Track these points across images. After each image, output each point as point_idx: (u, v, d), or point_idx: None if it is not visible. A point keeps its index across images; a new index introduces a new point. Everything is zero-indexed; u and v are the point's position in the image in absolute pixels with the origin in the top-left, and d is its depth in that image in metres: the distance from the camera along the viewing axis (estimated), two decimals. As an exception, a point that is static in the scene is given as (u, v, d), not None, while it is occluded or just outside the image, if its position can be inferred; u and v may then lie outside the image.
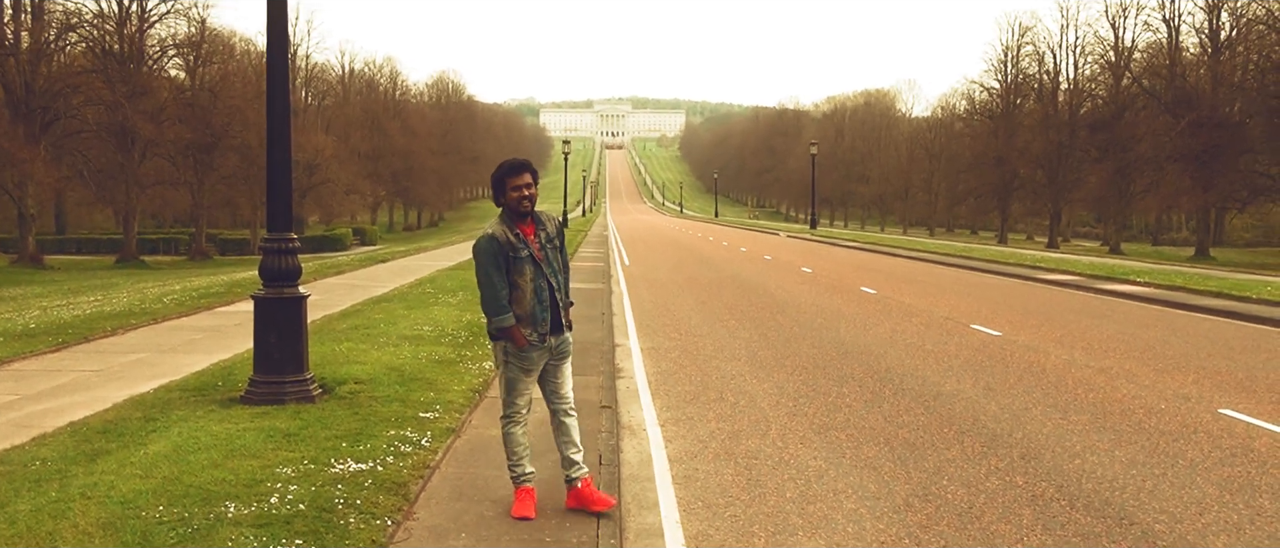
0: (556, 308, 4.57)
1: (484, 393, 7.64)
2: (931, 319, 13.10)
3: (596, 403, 7.31)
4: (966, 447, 6.30)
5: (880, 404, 7.60)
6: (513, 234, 4.49)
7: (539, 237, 4.52)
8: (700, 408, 7.49)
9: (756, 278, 20.35)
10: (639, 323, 12.77)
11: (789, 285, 18.47)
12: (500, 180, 4.52)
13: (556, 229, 4.61)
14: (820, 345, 10.67)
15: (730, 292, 17.24)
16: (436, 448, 5.71)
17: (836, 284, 18.75)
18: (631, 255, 29.32)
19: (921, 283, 19.40)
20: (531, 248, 4.49)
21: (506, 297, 4.50)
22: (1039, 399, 7.81)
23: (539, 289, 4.51)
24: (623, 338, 11.34)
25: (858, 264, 25.45)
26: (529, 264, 4.48)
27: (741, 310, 14.20)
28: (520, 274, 4.49)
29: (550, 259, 4.56)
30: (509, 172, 4.50)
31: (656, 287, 18.42)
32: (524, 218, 4.52)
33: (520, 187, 4.48)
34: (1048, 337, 11.47)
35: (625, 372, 9.11)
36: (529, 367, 4.61)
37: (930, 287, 18.48)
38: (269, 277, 6.91)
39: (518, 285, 4.50)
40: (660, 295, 16.67)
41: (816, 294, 16.67)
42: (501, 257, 4.47)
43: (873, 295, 16.48)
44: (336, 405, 6.66)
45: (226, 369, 8.08)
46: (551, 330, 4.59)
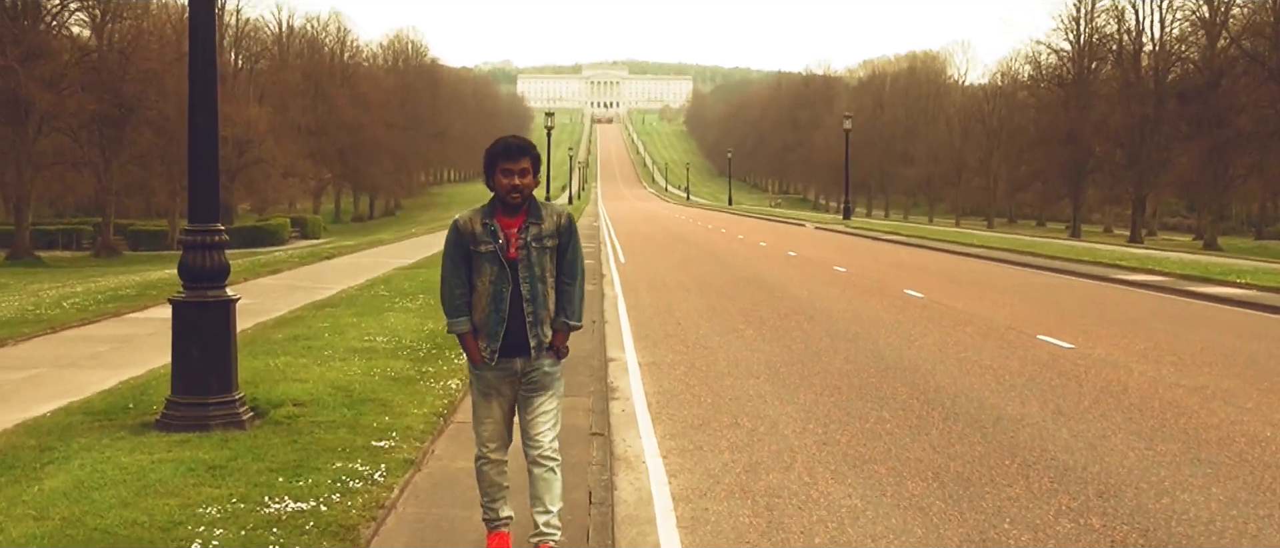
0: (524, 323, 4.44)
1: (450, 417, 7.63)
2: (989, 328, 13.11)
3: (585, 429, 7.31)
4: (1032, 483, 6.30)
5: (927, 431, 7.60)
6: (482, 223, 4.45)
7: (525, 233, 4.43)
8: (710, 436, 7.49)
9: (779, 278, 20.37)
10: (637, 333, 12.78)
11: (818, 287, 18.49)
12: (492, 160, 4.44)
13: (558, 227, 4.49)
14: (855, 360, 10.68)
15: (747, 295, 17.25)
16: (392, 484, 5.70)
17: (875, 286, 18.77)
18: (628, 251, 29.35)
19: (977, 284, 19.44)
20: (502, 243, 4.41)
21: (462, 298, 4.49)
22: (1119, 425, 7.81)
23: (498, 295, 4.43)
24: (617, 351, 11.35)
25: (900, 262, 25.48)
26: (489, 263, 4.43)
27: (760, 318, 14.20)
28: (479, 273, 4.46)
29: (534, 262, 4.44)
30: (503, 152, 4.43)
31: (658, 288, 18.43)
32: (514, 209, 4.46)
33: (512, 172, 4.40)
34: (1129, 349, 11.48)
35: (620, 391, 9.11)
36: (485, 388, 4.57)
37: (988, 289, 18.51)
38: (191, 276, 6.90)
39: (475, 287, 4.47)
40: (663, 299, 16.69)
41: (851, 298, 16.68)
42: (460, 248, 4.47)
43: (919, 300, 16.50)
44: (271, 432, 6.65)
45: (139, 388, 8.06)
46: (513, 350, 4.48)
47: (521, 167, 4.41)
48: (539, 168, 4.48)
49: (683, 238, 37.57)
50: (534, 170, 4.46)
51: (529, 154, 4.44)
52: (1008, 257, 26.80)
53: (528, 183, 4.43)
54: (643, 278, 20.67)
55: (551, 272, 4.50)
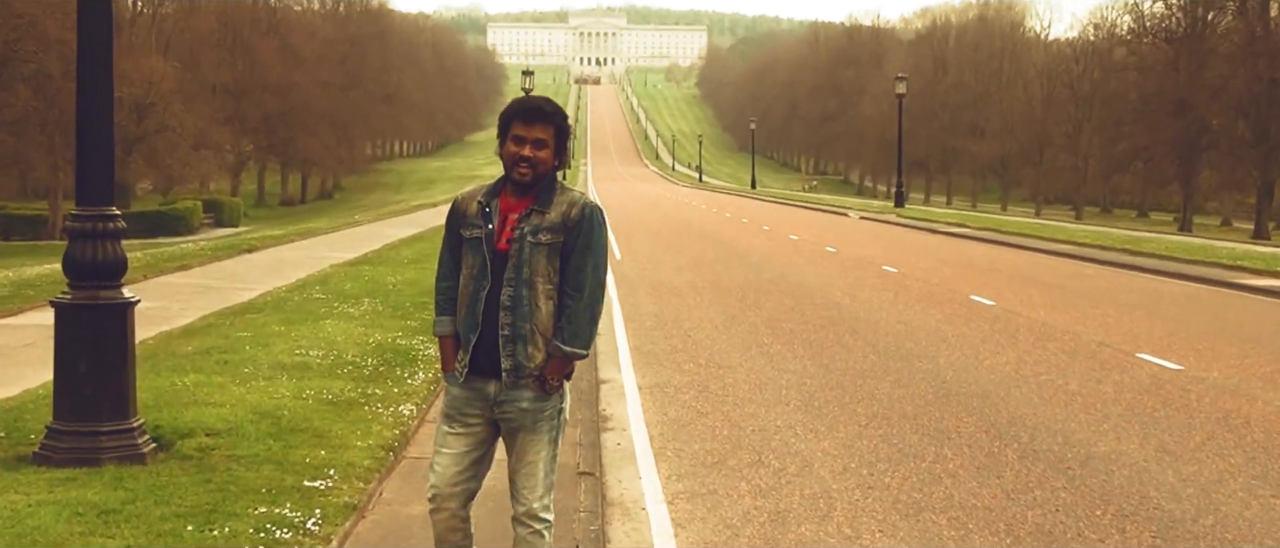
0: (498, 336, 4.38)
1: (402, 451, 7.64)
2: (1077, 344, 13.14)
3: (572, 467, 7.33)
4: (1130, 537, 6.32)
5: (999, 472, 7.62)
6: (478, 202, 4.47)
7: (525, 223, 4.38)
8: (727, 477, 7.51)
9: (813, 280, 20.40)
10: (637, 348, 12.80)
11: (862, 292, 18.52)
12: (506, 121, 4.45)
13: (566, 221, 4.40)
14: (909, 383, 10.70)
15: (773, 301, 17.28)
16: (329, 534, 5.71)
17: (934, 291, 18.80)
18: (625, 245, 29.39)
19: (1062, 290, 19.47)
20: (491, 230, 4.41)
21: (448, 292, 4.58)
22: (1239, 466, 7.83)
23: (475, 294, 4.41)
24: (611, 370, 11.38)
25: (966, 260, 25.53)
26: (473, 252, 4.45)
27: (790, 330, 14.23)
28: (464, 262, 4.53)
29: (524, 261, 4.38)
30: (519, 112, 4.43)
31: (663, 293, 18.46)
32: (523, 189, 4.44)
33: (524, 140, 4.39)
34: (1252, 373, 11.51)
35: (615, 421, 9.14)
36: (449, 408, 4.52)
37: (1076, 296, 18.54)
38: (78, 273, 6.91)
39: (461, 278, 4.54)
40: (669, 306, 16.72)
41: (904, 306, 16.71)
42: (453, 230, 4.57)
43: (989, 308, 16.53)
44: (179, 468, 6.67)
45: (11, 413, 8.07)
46: (485, 370, 4.42)
47: (537, 135, 4.40)
48: (565, 142, 4.48)
49: (694, 229, 37.61)
50: (556, 144, 4.43)
51: (553, 121, 4.44)
52: (1101, 255, 26.83)
53: (544, 158, 4.40)
54: (643, 279, 20.69)
55: (549, 277, 4.39)
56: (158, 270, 19.75)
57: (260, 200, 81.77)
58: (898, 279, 20.77)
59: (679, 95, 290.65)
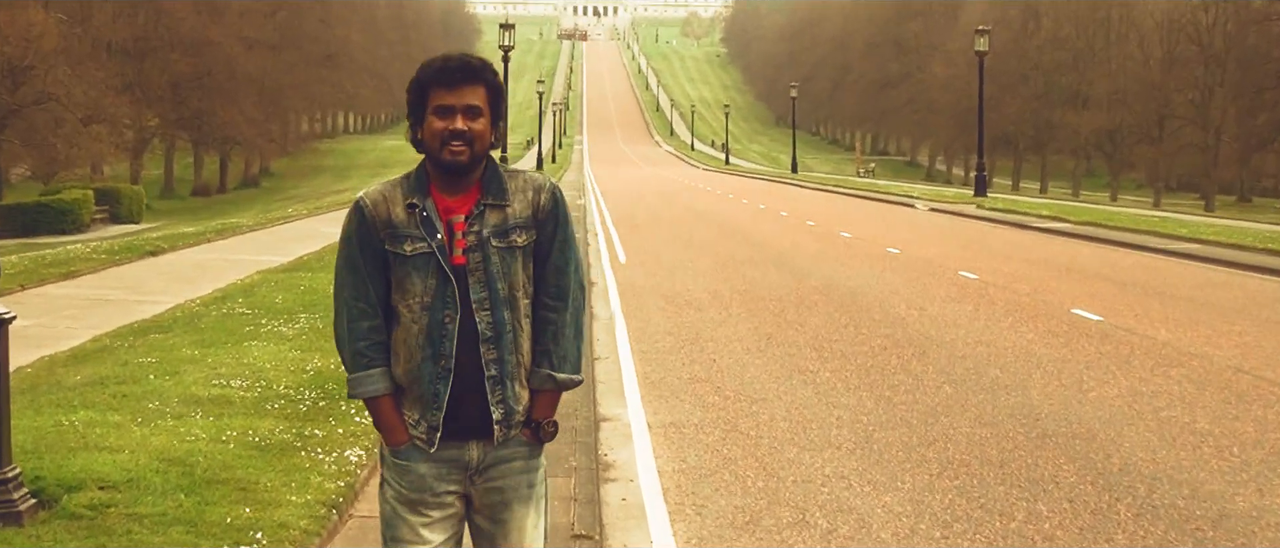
0: (481, 379, 4.22)
1: (347, 508, 7.65)
2: (1208, 371, 13.10)
3: (566, 528, 7.34)
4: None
5: (1108, 534, 7.62)
6: (406, 205, 4.20)
7: (477, 221, 4.21)
8: (763, 542, 7.52)
9: (872, 289, 20.38)
10: (646, 376, 12.81)
11: (934, 304, 18.49)
12: (419, 90, 4.26)
13: (537, 210, 4.31)
14: (993, 420, 10.68)
15: (820, 315, 17.27)
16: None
17: (1025, 303, 18.77)
18: (631, 243, 29.38)
19: (1188, 302, 19.42)
20: (441, 240, 4.19)
21: (373, 336, 4.26)
22: None
23: (435, 330, 4.18)
24: (614, 404, 11.39)
25: (1065, 264, 25.49)
26: (419, 273, 4.20)
27: (842, 352, 14.21)
28: (401, 291, 4.22)
29: (495, 272, 4.20)
30: (437, 75, 4.23)
31: (679, 304, 18.46)
32: (458, 176, 4.24)
33: (453, 110, 4.20)
34: None
35: (620, 469, 9.15)
36: (412, 494, 4.27)
37: (1204, 309, 18.49)
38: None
39: (398, 316, 4.24)
40: (686, 322, 16.73)
41: (986, 322, 16.68)
42: (369, 248, 4.25)
43: (1094, 325, 16.50)
44: (65, 531, 6.67)
45: None
46: (464, 430, 4.25)
47: (467, 101, 4.21)
48: (500, 105, 4.31)
49: (718, 223, 37.59)
50: (490, 108, 4.27)
51: (481, 79, 4.26)
52: (1237, 257, 26.75)
53: (480, 130, 4.21)
54: (654, 288, 20.68)
55: (526, 289, 4.28)
56: (38, 279, 19.78)
57: (168, 190, 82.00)
58: (978, 288, 20.73)
59: (698, 54, 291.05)
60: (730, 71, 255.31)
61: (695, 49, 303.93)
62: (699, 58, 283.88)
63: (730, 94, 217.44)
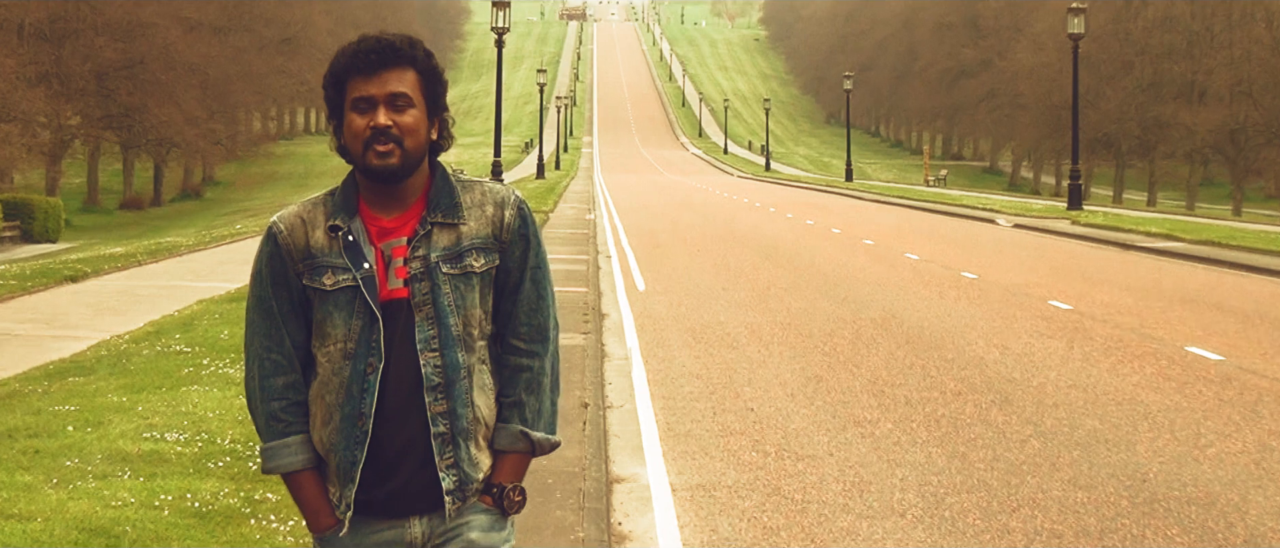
0: (426, 436, 4.11)
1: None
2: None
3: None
4: None
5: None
6: (328, 227, 4.15)
7: (423, 244, 4.13)
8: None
9: (943, 323, 20.33)
10: (670, 427, 12.82)
11: (1018, 341, 18.44)
12: (336, 86, 4.19)
13: (498, 228, 4.21)
14: (1093, 482, 10.64)
15: (880, 354, 17.22)
16: None
17: (1129, 339, 18.70)
18: (651, 266, 29.35)
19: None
20: (369, 268, 4.11)
21: (288, 392, 4.20)
22: None
23: (354, 380, 4.09)
24: (630, 461, 11.40)
25: (1178, 292, 25.38)
26: (341, 310, 4.12)
27: (907, 399, 14.16)
28: (321, 332, 4.16)
29: (445, 306, 4.12)
30: (350, 64, 4.15)
31: (709, 340, 18.46)
32: (390, 184, 4.15)
33: (374, 101, 4.12)
34: None
35: (637, 541, 9.15)
36: None
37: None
38: None
39: (317, 362, 4.18)
40: (718, 361, 16.74)
41: (1083, 362, 16.63)
42: (283, 282, 4.20)
43: (1214, 366, 16.41)
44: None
45: None
46: (400, 504, 4.16)
47: (391, 89, 4.11)
48: (437, 93, 4.21)
49: (755, 242, 37.55)
50: (425, 98, 4.18)
51: (407, 61, 4.16)
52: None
53: (410, 124, 4.11)
54: (679, 319, 20.68)
55: (483, 325, 4.19)
56: (-65, 309, 19.84)
57: (91, 202, 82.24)
58: (1072, 321, 20.66)
59: (733, 37, 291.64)
60: (771, 58, 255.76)
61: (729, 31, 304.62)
62: (733, 42, 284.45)
63: (771, 86, 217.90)
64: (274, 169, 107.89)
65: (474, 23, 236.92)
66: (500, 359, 4.24)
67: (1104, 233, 41.39)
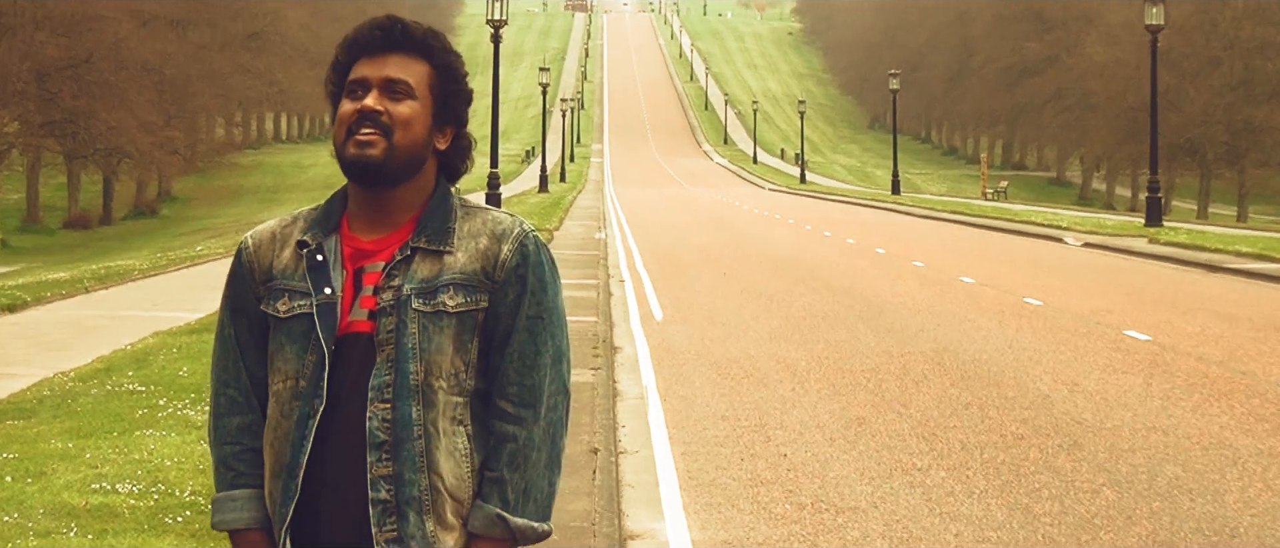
0: (367, 502, 3.95)
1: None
2: None
3: None
4: None
5: None
6: (298, 241, 4.10)
7: (399, 272, 4.01)
8: None
9: (1003, 357, 20.30)
10: (692, 476, 12.81)
11: (1089, 377, 18.39)
12: (340, 71, 4.16)
13: (494, 264, 4.05)
14: (1171, 537, 10.61)
15: (931, 392, 17.21)
16: None
17: (1216, 375, 18.63)
18: (670, 293, 29.34)
19: None
20: (331, 293, 4.01)
21: (244, 431, 4.12)
22: None
23: (296, 428, 3.98)
24: (647, 515, 11.42)
25: (1273, 321, 25.30)
26: (295, 342, 4.02)
27: (962, 443, 14.15)
28: (275, 365, 4.08)
29: (409, 347, 3.97)
30: (353, 43, 4.15)
31: (735, 376, 18.45)
32: (370, 186, 4.08)
33: (365, 86, 4.07)
34: None
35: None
36: None
37: None
38: None
39: (269, 400, 4.09)
40: (746, 400, 16.73)
41: (1162, 401, 16.59)
42: (243, 309, 4.16)
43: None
44: None
45: None
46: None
47: (388, 73, 4.06)
48: (452, 96, 4.13)
49: (788, 265, 37.53)
50: (434, 96, 4.10)
51: (419, 48, 4.10)
52: None
53: (405, 114, 4.03)
54: (702, 353, 20.73)
55: (458, 379, 4.02)
56: None
57: (31, 220, 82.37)
58: (1151, 354, 20.63)
59: (763, 31, 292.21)
60: (806, 54, 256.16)
61: (758, 24, 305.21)
62: (763, 36, 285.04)
63: (806, 86, 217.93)
64: (240, 182, 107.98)
65: (467, 15, 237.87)
66: (487, 424, 4.03)
67: (1187, 253, 41.36)
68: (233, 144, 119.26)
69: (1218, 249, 41.70)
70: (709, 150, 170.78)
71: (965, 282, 32.75)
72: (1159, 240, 45.92)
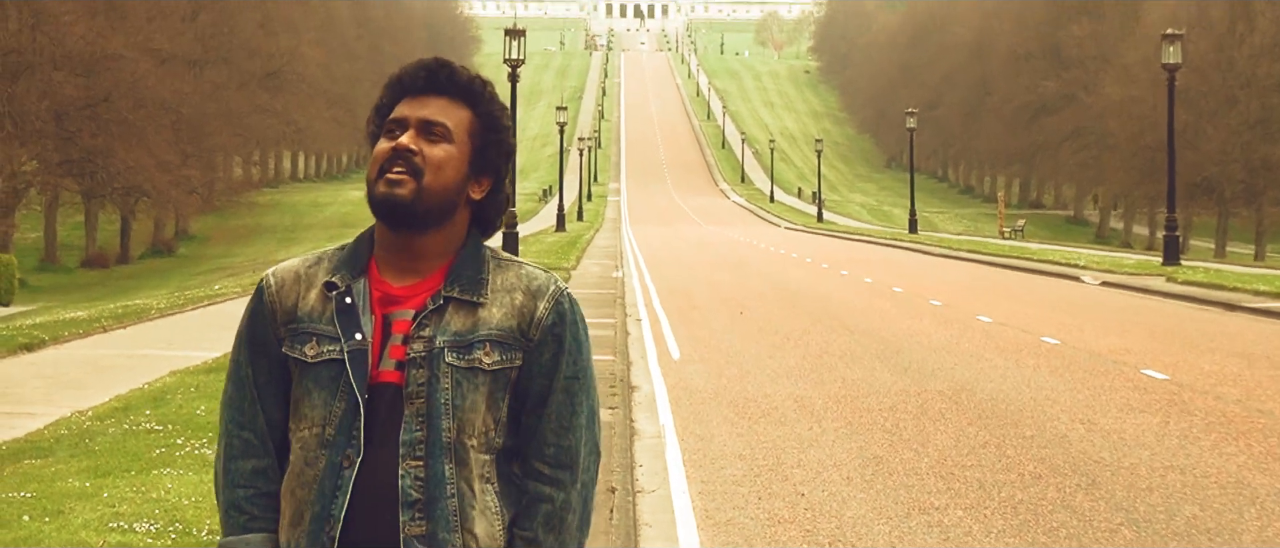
0: None
1: None
2: None
3: None
4: None
5: None
6: (325, 283, 4.03)
7: (430, 322, 3.94)
8: None
9: (1021, 395, 20.28)
10: (709, 516, 12.81)
11: (1107, 415, 18.36)
12: (381, 114, 4.07)
13: (528, 320, 3.99)
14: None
15: (949, 431, 17.19)
16: None
17: (1235, 414, 18.58)
18: (686, 332, 29.36)
19: None
20: (362, 339, 3.94)
21: (258, 474, 4.03)
22: None
23: (327, 475, 3.91)
24: None
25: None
26: (323, 388, 3.95)
27: (980, 483, 14.14)
28: (298, 411, 4.00)
29: (441, 400, 3.91)
30: (397, 84, 4.08)
31: (753, 415, 18.46)
32: (399, 228, 3.99)
33: (402, 126, 4.00)
34: None
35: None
36: None
37: None
38: None
39: (293, 447, 4.02)
40: (763, 439, 16.73)
41: (1181, 441, 16.54)
42: (263, 349, 4.06)
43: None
44: None
45: None
46: None
47: (426, 114, 3.99)
48: (493, 146, 4.06)
49: (803, 302, 37.53)
50: (473, 144, 4.03)
51: (461, 92, 4.04)
52: None
53: (439, 157, 3.96)
54: (720, 392, 20.72)
55: (487, 437, 3.97)
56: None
57: (49, 259, 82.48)
58: (1169, 393, 20.59)
59: (780, 70, 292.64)
60: (823, 93, 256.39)
61: (775, 62, 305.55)
62: (780, 74, 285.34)
63: (823, 125, 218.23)
64: (257, 221, 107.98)
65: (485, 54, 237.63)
66: (519, 483, 3.99)
67: (1205, 291, 41.25)
68: (250, 183, 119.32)
69: (1236, 288, 41.64)
70: (726, 189, 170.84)
71: (983, 320, 32.73)
72: (1177, 279, 45.81)
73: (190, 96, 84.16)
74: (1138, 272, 50.87)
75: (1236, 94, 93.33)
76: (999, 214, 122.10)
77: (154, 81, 78.53)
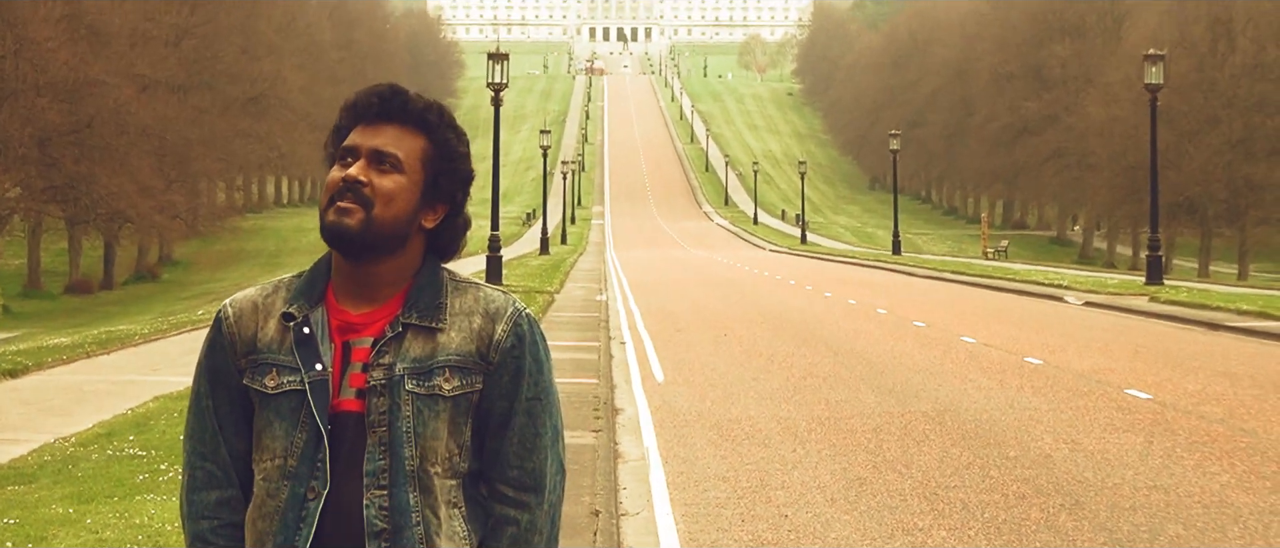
0: None
1: None
2: None
3: None
4: None
5: None
6: (283, 313, 4.01)
7: (389, 349, 3.92)
8: None
9: (1004, 416, 20.30)
10: (691, 537, 12.81)
11: (1090, 435, 18.38)
12: (338, 137, 4.04)
13: (488, 343, 3.96)
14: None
15: (932, 452, 17.22)
16: None
17: (1217, 434, 18.61)
18: (670, 354, 29.35)
19: None
20: (322, 369, 3.92)
21: (221, 506, 4.01)
22: None
23: (290, 507, 3.89)
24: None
25: (1275, 377, 25.31)
26: (284, 419, 3.92)
27: (963, 503, 14.16)
28: (261, 443, 3.97)
29: (402, 428, 3.89)
30: (351, 109, 4.04)
31: (737, 437, 18.46)
32: (349, 256, 3.97)
33: (353, 154, 3.97)
34: None
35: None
36: None
37: None
38: None
39: (256, 478, 3.99)
40: (747, 461, 16.72)
41: (1163, 460, 16.57)
42: (223, 381, 4.06)
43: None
44: None
45: None
46: None
47: (376, 143, 3.95)
48: (443, 171, 4.01)
49: (787, 324, 37.53)
50: (424, 173, 3.99)
51: (415, 120, 3.99)
52: None
53: (389, 189, 3.92)
54: (703, 414, 20.73)
55: (451, 463, 3.94)
56: None
57: (32, 285, 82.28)
58: (1152, 413, 20.62)
59: (762, 93, 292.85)
60: (806, 115, 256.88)
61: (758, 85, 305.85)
62: (763, 97, 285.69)
63: (806, 147, 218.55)
64: (241, 247, 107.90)
65: (468, 78, 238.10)
66: (485, 506, 3.97)
67: (1188, 311, 41.33)
68: (234, 208, 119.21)
69: (1219, 307, 41.74)
70: (710, 211, 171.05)
71: (966, 341, 32.76)
72: (1160, 299, 45.89)
73: (173, 122, 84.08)
74: (1121, 291, 50.95)
75: (1218, 114, 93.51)
76: (982, 235, 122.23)
77: (137, 107, 78.52)
